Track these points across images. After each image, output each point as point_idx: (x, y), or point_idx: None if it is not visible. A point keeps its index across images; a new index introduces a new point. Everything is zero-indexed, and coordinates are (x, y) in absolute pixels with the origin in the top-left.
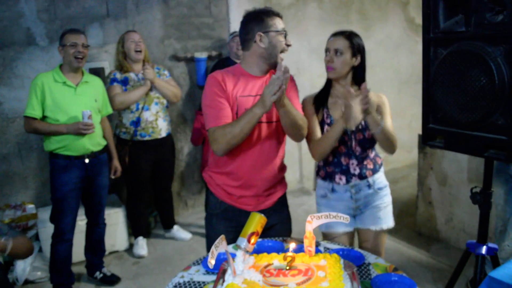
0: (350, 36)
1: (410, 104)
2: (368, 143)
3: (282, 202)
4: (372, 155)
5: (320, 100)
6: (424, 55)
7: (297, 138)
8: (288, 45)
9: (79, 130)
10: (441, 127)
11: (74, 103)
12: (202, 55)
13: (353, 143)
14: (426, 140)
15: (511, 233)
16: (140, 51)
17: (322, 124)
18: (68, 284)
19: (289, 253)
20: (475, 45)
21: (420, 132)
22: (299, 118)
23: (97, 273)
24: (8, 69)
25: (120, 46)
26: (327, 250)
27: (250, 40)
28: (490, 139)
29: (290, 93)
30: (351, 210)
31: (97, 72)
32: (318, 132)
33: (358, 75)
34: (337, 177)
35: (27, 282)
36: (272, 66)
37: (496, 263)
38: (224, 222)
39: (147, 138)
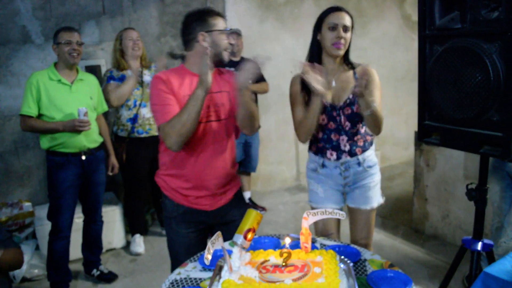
0: (348, 12)
1: (406, 101)
2: (357, 117)
3: (239, 198)
4: (362, 130)
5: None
6: (419, 52)
7: (251, 130)
8: (231, 44)
9: (75, 127)
10: (437, 123)
11: (69, 100)
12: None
13: (342, 118)
14: (422, 136)
15: (508, 230)
16: (138, 49)
17: (309, 103)
18: (65, 282)
19: (285, 250)
20: (470, 42)
21: (416, 129)
22: (255, 109)
23: (94, 270)
24: (4, 67)
25: (118, 44)
26: (323, 246)
27: (193, 39)
28: (485, 136)
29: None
30: (340, 186)
31: (93, 69)
32: (300, 113)
33: (348, 53)
34: (328, 153)
35: (24, 280)
36: (217, 63)
37: (491, 259)
38: (184, 225)
39: (144, 135)
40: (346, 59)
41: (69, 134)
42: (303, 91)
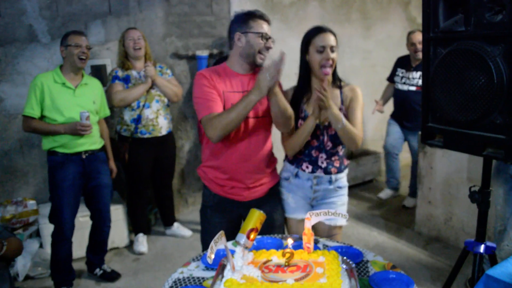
0: (334, 33)
1: None
2: (339, 138)
3: (274, 193)
4: (341, 153)
5: (298, 95)
6: (423, 54)
7: (285, 127)
8: (268, 48)
9: (77, 131)
10: (440, 126)
11: (72, 104)
12: (204, 53)
13: (325, 137)
14: (425, 138)
15: (511, 233)
16: (139, 49)
17: (296, 119)
18: (69, 280)
19: (288, 250)
20: (474, 45)
21: (420, 131)
22: (289, 108)
23: (97, 269)
24: (10, 66)
25: (121, 45)
26: (325, 247)
27: (233, 39)
28: (488, 138)
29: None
30: (308, 199)
31: (99, 69)
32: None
33: (335, 71)
34: (304, 165)
35: (27, 278)
36: (252, 65)
37: (494, 262)
38: (218, 214)
39: (147, 135)
40: (334, 77)
41: (71, 136)
42: (291, 105)
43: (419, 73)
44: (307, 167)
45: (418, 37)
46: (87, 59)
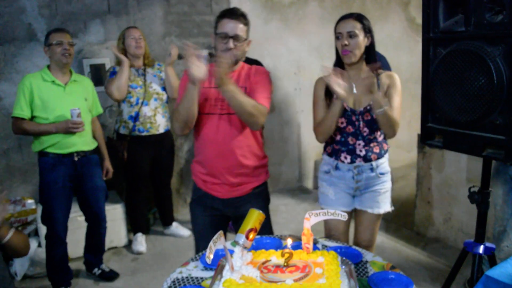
0: (359, 17)
1: (409, 103)
2: (376, 123)
3: (258, 194)
4: (380, 138)
5: None
6: (423, 54)
7: (251, 125)
8: (227, 48)
9: (69, 129)
10: (439, 126)
11: (63, 102)
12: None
13: (361, 123)
14: (425, 139)
15: (510, 234)
16: (140, 48)
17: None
18: (66, 280)
19: (287, 250)
20: (474, 45)
21: (419, 131)
22: (248, 105)
23: (96, 269)
24: (9, 64)
25: (121, 43)
26: (325, 247)
27: (211, 36)
28: (488, 139)
29: (256, 84)
30: (351, 189)
31: (98, 68)
32: (321, 113)
33: (370, 56)
34: (342, 155)
35: (26, 277)
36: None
37: (493, 263)
38: (200, 208)
39: (145, 133)
40: (369, 63)
41: (63, 135)
42: (327, 93)
43: None
44: (345, 158)
45: None
46: (72, 55)
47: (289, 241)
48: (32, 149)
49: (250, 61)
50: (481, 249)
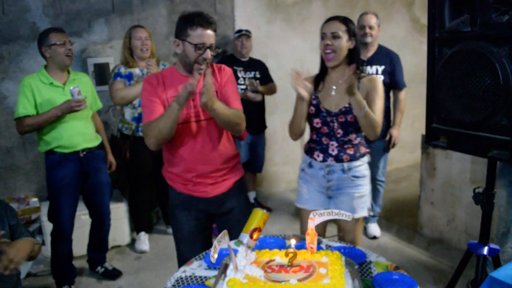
0: (344, 20)
1: (413, 104)
2: (350, 126)
3: (238, 187)
4: (356, 141)
5: (316, 81)
6: (429, 54)
7: (236, 132)
8: (205, 59)
9: (72, 108)
10: (444, 126)
11: (63, 101)
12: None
13: (335, 124)
14: (430, 139)
15: None
16: (146, 50)
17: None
18: (70, 278)
19: (291, 250)
20: (480, 45)
21: (423, 132)
22: (232, 116)
23: (99, 267)
24: (14, 63)
25: (127, 42)
26: (329, 247)
27: (176, 42)
28: (493, 140)
29: (225, 87)
30: (323, 188)
31: (102, 67)
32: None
33: (354, 59)
34: (315, 153)
35: (29, 275)
36: (190, 72)
37: (497, 264)
38: (184, 212)
39: None
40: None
41: (67, 135)
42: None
43: (374, 68)
44: (318, 156)
45: (369, 20)
46: (72, 55)
47: (293, 241)
48: (38, 150)
49: (254, 61)
50: (485, 250)
